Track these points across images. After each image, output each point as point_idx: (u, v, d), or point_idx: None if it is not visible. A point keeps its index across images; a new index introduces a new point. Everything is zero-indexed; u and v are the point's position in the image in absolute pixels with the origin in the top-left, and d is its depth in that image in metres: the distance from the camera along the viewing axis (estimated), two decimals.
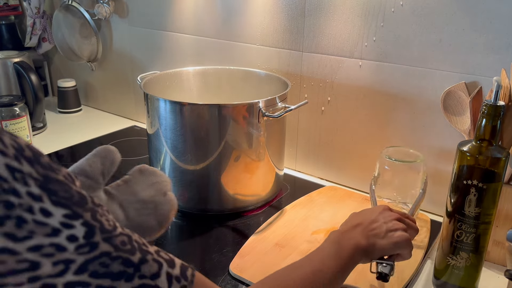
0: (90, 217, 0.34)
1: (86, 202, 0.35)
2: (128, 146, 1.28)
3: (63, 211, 0.33)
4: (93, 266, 0.33)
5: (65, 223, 0.33)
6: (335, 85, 1.01)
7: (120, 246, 0.35)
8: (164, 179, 0.73)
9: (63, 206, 0.33)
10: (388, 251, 0.62)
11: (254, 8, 1.08)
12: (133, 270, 0.35)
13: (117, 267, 0.34)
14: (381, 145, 0.97)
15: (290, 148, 1.13)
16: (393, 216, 0.65)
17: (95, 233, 0.34)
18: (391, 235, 0.62)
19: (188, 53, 1.25)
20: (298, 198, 0.98)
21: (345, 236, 0.60)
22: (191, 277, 0.40)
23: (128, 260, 0.35)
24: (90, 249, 0.33)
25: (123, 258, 0.35)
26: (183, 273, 0.39)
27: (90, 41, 1.43)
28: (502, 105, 0.62)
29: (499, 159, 0.63)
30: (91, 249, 0.33)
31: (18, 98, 1.21)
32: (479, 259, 0.69)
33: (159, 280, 0.36)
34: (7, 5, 1.59)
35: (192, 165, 0.89)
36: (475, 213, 0.65)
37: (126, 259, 0.35)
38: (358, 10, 0.93)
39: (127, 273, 0.35)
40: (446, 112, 0.85)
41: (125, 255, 0.35)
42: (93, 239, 0.34)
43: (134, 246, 0.37)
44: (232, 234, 0.87)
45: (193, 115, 0.86)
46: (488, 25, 0.79)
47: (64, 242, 0.32)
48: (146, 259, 0.36)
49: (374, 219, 0.64)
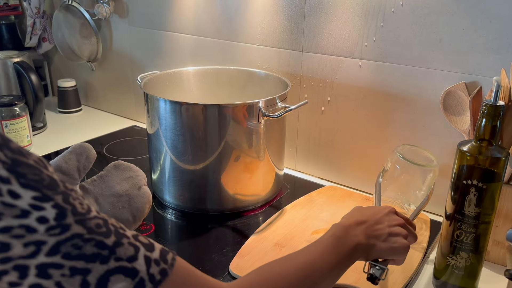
0: (61, 200, 0.34)
1: (57, 185, 0.35)
2: (128, 146, 1.28)
3: (32, 193, 0.33)
4: (65, 248, 0.33)
5: (35, 205, 0.33)
6: (335, 85, 1.01)
7: (94, 229, 0.35)
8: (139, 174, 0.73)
9: (32, 189, 0.33)
10: (385, 254, 0.62)
11: (254, 8, 1.08)
12: (108, 253, 0.35)
13: (90, 249, 0.34)
14: (381, 145, 0.98)
15: (290, 148, 1.13)
16: (398, 221, 0.64)
17: (66, 215, 0.34)
18: (392, 240, 0.62)
19: (188, 53, 1.25)
20: (298, 198, 0.98)
21: (347, 232, 0.59)
22: (171, 260, 0.39)
23: (102, 242, 0.35)
24: (61, 230, 0.34)
25: (97, 241, 0.35)
26: (162, 257, 0.39)
27: (90, 41, 1.43)
28: (502, 105, 0.62)
29: (499, 159, 0.63)
30: (62, 231, 0.34)
31: (18, 98, 1.21)
32: (479, 259, 0.69)
33: (136, 262, 0.36)
34: (7, 5, 1.59)
35: (192, 165, 0.89)
36: (475, 213, 0.65)
37: (100, 241, 0.35)
38: (358, 10, 0.93)
39: (101, 255, 0.35)
40: (446, 112, 0.85)
41: (99, 238, 0.35)
42: (64, 221, 0.34)
43: (110, 229, 0.37)
44: (232, 234, 0.87)
45: (193, 115, 0.86)
46: (488, 25, 0.79)
47: (34, 223, 0.33)
48: (121, 242, 0.36)
49: (379, 220, 0.63)
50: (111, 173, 0.71)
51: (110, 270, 0.35)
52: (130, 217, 0.68)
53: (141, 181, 0.72)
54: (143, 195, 0.71)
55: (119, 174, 0.71)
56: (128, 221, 0.68)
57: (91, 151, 0.70)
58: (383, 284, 0.71)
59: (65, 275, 0.33)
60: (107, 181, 0.69)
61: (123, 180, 0.70)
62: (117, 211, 0.67)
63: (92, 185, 0.68)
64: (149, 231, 0.87)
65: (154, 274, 0.37)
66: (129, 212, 0.68)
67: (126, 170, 0.72)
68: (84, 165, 0.68)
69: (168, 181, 0.93)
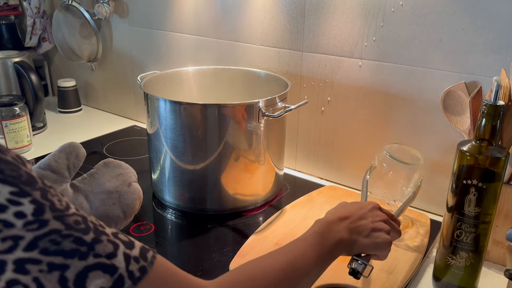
0: (39, 196, 0.34)
1: (35, 182, 0.35)
2: (128, 146, 1.28)
3: (9, 188, 0.33)
4: (43, 243, 0.33)
5: (12, 200, 0.33)
6: (335, 85, 1.01)
7: (72, 225, 0.35)
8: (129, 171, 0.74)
9: (10, 184, 0.33)
10: (368, 250, 0.62)
11: (254, 8, 1.08)
12: (87, 249, 0.35)
13: (68, 245, 0.34)
14: (381, 145, 0.97)
15: (290, 148, 1.13)
16: (381, 217, 0.65)
17: (44, 211, 0.34)
18: (374, 235, 0.62)
19: (188, 53, 1.25)
20: (298, 198, 0.98)
21: (330, 228, 0.59)
22: (151, 258, 0.39)
23: (80, 238, 0.35)
24: (39, 226, 0.33)
25: (75, 237, 0.35)
26: (142, 255, 0.39)
27: (90, 41, 1.43)
28: (502, 104, 0.62)
29: (499, 159, 0.63)
30: (40, 226, 0.34)
31: (18, 98, 1.21)
32: (479, 259, 0.69)
33: (115, 259, 0.36)
34: (7, 5, 1.59)
35: (192, 165, 0.89)
36: (475, 212, 0.65)
37: (78, 237, 0.35)
38: (358, 10, 0.93)
39: (80, 251, 0.35)
40: (446, 112, 0.85)
41: (77, 234, 0.35)
42: (42, 217, 0.34)
43: (89, 226, 0.36)
44: (232, 234, 0.87)
45: (193, 115, 0.86)
46: (488, 25, 0.79)
47: (11, 218, 0.33)
48: (100, 239, 0.36)
49: (362, 216, 0.63)
50: (101, 170, 0.71)
51: (88, 266, 0.35)
52: (121, 214, 0.68)
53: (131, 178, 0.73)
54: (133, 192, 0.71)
55: (109, 172, 0.71)
56: (119, 217, 0.68)
57: (81, 149, 0.70)
58: (382, 284, 0.71)
59: (43, 270, 0.33)
60: (97, 179, 0.70)
61: (113, 177, 0.70)
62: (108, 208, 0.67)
63: (82, 183, 0.68)
64: (149, 231, 0.87)
65: (133, 271, 0.37)
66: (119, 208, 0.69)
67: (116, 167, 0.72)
68: (74, 163, 0.69)
69: (168, 181, 0.93)
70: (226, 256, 0.79)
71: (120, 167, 0.73)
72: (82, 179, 0.69)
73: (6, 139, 1.19)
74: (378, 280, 0.72)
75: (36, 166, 0.67)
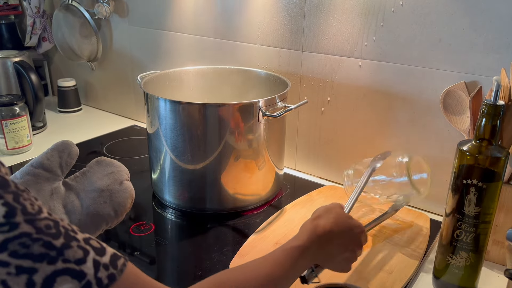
0: (11, 199, 0.35)
1: (8, 185, 0.35)
2: (128, 146, 1.28)
3: None
4: (13, 246, 0.33)
5: None
6: (335, 84, 1.01)
7: (43, 229, 0.35)
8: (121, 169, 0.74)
9: None
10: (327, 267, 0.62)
11: (254, 7, 1.08)
12: (56, 254, 0.35)
13: (38, 249, 0.34)
14: (381, 144, 0.98)
15: (290, 147, 1.13)
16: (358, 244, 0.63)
17: (16, 214, 0.34)
18: (342, 263, 0.62)
19: (188, 53, 1.25)
20: (298, 197, 0.98)
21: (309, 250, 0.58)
22: (121, 266, 0.39)
23: (50, 243, 0.35)
24: (9, 228, 0.34)
25: (45, 241, 0.35)
26: (112, 262, 0.39)
27: (90, 40, 1.43)
28: (502, 104, 0.62)
29: (499, 159, 0.63)
30: (10, 229, 0.34)
31: (18, 98, 1.21)
32: (478, 259, 0.69)
33: (84, 265, 0.36)
34: (7, 4, 1.59)
35: (192, 165, 0.89)
36: (475, 212, 0.65)
37: (48, 242, 0.35)
38: (358, 9, 0.93)
39: (49, 256, 0.35)
40: (446, 112, 0.85)
41: (47, 238, 0.35)
42: (13, 219, 0.34)
43: (60, 231, 0.37)
44: (232, 234, 0.87)
45: (193, 115, 0.86)
46: (488, 25, 0.79)
47: None
48: (70, 245, 0.36)
49: (342, 237, 0.61)
50: (93, 169, 0.71)
51: (57, 271, 0.35)
52: (112, 212, 0.68)
53: (123, 176, 0.73)
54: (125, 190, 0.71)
55: (101, 170, 0.71)
56: (110, 216, 0.68)
57: (73, 147, 0.70)
58: (382, 284, 0.71)
59: (11, 273, 0.33)
60: (89, 177, 0.70)
61: (105, 175, 0.70)
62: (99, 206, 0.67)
63: (74, 181, 0.68)
64: (149, 231, 0.87)
65: (101, 278, 0.37)
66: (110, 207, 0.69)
67: (108, 165, 0.72)
68: (66, 161, 0.69)
69: (168, 181, 0.93)
70: (226, 256, 0.79)
71: (112, 165, 0.73)
72: (75, 177, 0.69)
73: (6, 138, 1.19)
74: (378, 279, 0.72)
75: (29, 164, 0.67)
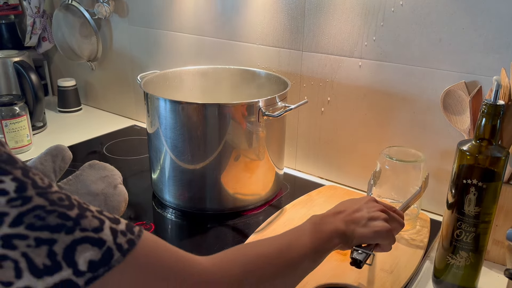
0: (20, 174, 0.35)
1: (15, 161, 0.35)
2: (128, 146, 1.28)
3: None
4: (28, 219, 0.34)
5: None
6: (335, 84, 1.01)
7: (56, 201, 0.36)
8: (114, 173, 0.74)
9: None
10: (368, 239, 0.62)
11: (254, 7, 1.08)
12: (73, 223, 0.35)
13: (54, 220, 0.35)
14: (381, 144, 0.98)
15: (290, 147, 1.13)
16: (377, 207, 0.65)
17: (27, 188, 0.34)
18: (372, 224, 0.62)
19: (188, 53, 1.25)
20: (298, 197, 0.98)
21: (324, 220, 0.60)
22: (138, 232, 0.40)
23: (65, 214, 0.35)
24: (22, 202, 0.34)
25: (59, 212, 0.35)
26: (129, 229, 0.39)
27: (90, 40, 1.43)
28: (502, 104, 0.62)
29: (499, 159, 0.63)
30: (23, 202, 0.34)
31: (18, 98, 1.21)
32: (478, 258, 0.69)
33: (102, 233, 0.37)
34: (7, 4, 1.59)
35: (192, 165, 0.89)
36: (475, 212, 0.65)
37: (63, 213, 0.35)
38: (358, 9, 0.93)
39: (66, 226, 0.35)
40: (446, 112, 0.85)
41: (61, 210, 0.35)
42: (25, 193, 0.34)
43: (73, 203, 0.37)
44: (232, 234, 0.87)
45: (193, 115, 0.86)
46: (488, 25, 0.79)
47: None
48: (85, 215, 0.37)
49: (357, 208, 0.64)
50: (87, 172, 0.71)
51: (76, 240, 0.35)
52: None
53: (117, 180, 0.73)
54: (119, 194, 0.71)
55: (95, 173, 0.72)
56: None
57: (67, 152, 0.71)
58: (383, 284, 0.71)
59: (31, 245, 0.33)
60: (82, 180, 0.70)
61: (99, 179, 0.71)
62: None
63: (68, 185, 0.69)
64: (149, 231, 0.86)
65: (121, 244, 0.37)
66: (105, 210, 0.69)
67: (101, 169, 0.72)
68: (60, 166, 0.69)
69: (168, 181, 0.93)
70: None
71: (106, 169, 0.73)
72: (67, 181, 0.69)
73: (6, 138, 1.19)
74: (378, 279, 0.72)
75: None
